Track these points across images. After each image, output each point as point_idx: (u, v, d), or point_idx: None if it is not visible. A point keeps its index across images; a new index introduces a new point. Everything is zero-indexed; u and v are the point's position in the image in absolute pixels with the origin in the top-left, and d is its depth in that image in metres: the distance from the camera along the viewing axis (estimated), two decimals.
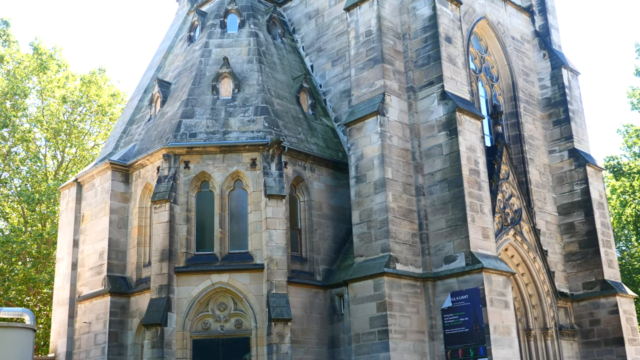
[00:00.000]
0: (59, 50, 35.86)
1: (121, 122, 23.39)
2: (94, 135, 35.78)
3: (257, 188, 18.57)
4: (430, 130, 19.24)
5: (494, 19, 24.02)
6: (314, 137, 20.68)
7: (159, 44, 25.80)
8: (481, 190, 18.74)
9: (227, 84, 20.61)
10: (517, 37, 24.92)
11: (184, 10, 25.99)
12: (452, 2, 20.58)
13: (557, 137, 24.38)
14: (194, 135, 19.30)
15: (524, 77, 24.49)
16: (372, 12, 20.09)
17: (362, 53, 20.07)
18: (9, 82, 33.03)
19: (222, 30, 22.59)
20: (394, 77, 19.67)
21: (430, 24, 19.98)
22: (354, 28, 20.51)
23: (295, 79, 21.95)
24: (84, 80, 35.45)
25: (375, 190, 18.38)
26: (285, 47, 23.32)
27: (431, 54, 19.74)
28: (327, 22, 23.27)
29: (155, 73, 23.80)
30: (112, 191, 20.00)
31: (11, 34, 35.03)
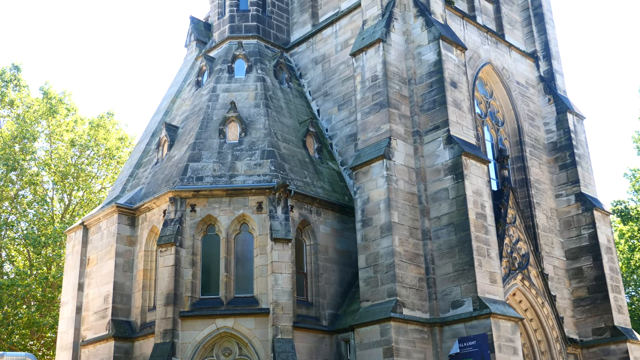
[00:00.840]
0: (69, 95, 36.31)
1: (128, 166, 23.52)
2: (101, 178, 35.96)
3: (263, 231, 18.53)
4: (437, 174, 19.26)
5: (498, 65, 24.25)
6: (320, 181, 20.72)
7: (167, 89, 26.11)
8: (488, 234, 18.65)
9: (234, 127, 20.77)
10: (522, 82, 25.11)
11: (192, 56, 26.35)
12: (457, 47, 20.82)
13: (564, 181, 24.35)
14: (201, 179, 19.37)
15: (530, 121, 24.60)
16: (378, 58, 20.32)
17: (368, 97, 20.23)
18: (18, 126, 33.38)
19: (230, 75, 22.87)
20: (400, 122, 19.78)
21: (435, 69, 20.18)
22: (360, 73, 20.72)
23: (301, 123, 22.10)
24: (92, 124, 35.80)
25: (382, 234, 18.31)
26: (292, 91, 23.54)
27: (437, 98, 19.88)
28: (334, 67, 23.54)
29: (163, 117, 24.02)
30: (118, 234, 19.99)
31: (22, 79, 35.53)
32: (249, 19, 24.73)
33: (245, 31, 24.56)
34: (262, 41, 24.56)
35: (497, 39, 24.66)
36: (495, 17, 25.45)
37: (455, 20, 22.88)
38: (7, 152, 32.26)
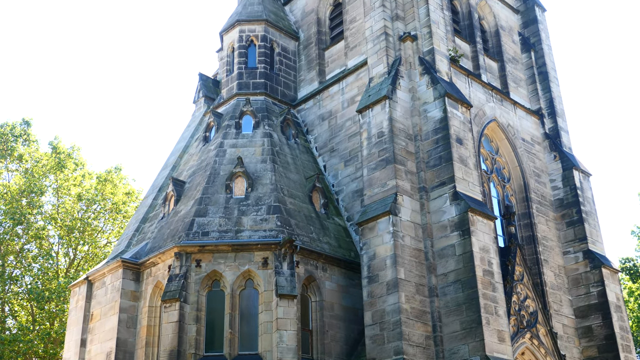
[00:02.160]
0: (77, 149, 36.65)
1: (134, 220, 23.53)
2: (107, 233, 35.96)
3: (268, 287, 18.39)
4: (443, 230, 19.18)
5: (504, 122, 24.42)
6: (326, 237, 20.65)
7: (174, 144, 26.33)
8: (496, 291, 18.45)
9: (240, 183, 20.85)
10: (528, 139, 25.24)
11: (200, 112, 26.67)
12: (462, 105, 21.02)
13: (571, 238, 24.19)
14: (207, 234, 19.33)
15: (536, 178, 24.62)
16: (384, 114, 20.51)
17: (374, 154, 20.34)
18: (26, 180, 33.59)
19: (237, 131, 23.08)
20: (406, 178, 19.83)
21: (441, 126, 20.32)
22: (367, 129, 20.88)
23: (308, 178, 22.18)
24: (100, 179, 36.02)
25: (388, 291, 18.13)
26: (299, 147, 23.71)
27: (443, 155, 19.97)
28: (340, 123, 23.74)
29: (170, 172, 24.16)
30: (123, 289, 19.86)
31: (32, 133, 35.94)
32: (256, 76, 25.11)
33: (253, 88, 24.90)
34: (270, 98, 24.87)
35: (502, 96, 24.90)
36: (500, 75, 25.77)
37: (460, 78, 23.16)
38: (14, 206, 32.37)
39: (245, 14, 26.20)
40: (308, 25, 26.62)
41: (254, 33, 25.73)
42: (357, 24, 24.42)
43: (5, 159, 34.84)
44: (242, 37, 25.67)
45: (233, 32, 25.99)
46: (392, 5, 22.68)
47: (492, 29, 26.53)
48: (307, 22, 26.72)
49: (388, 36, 22.05)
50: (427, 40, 21.91)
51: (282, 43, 26.19)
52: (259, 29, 25.75)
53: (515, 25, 27.84)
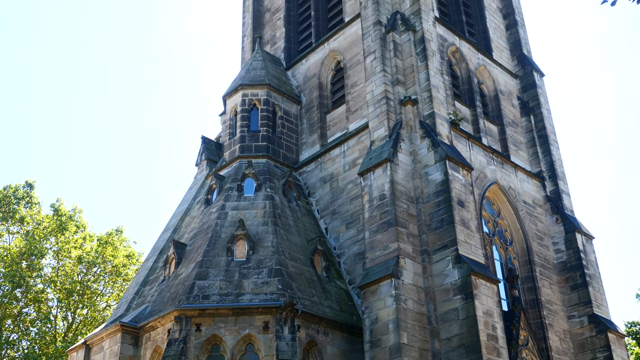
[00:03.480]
0: (79, 212, 36.70)
1: (134, 284, 23.34)
2: (106, 296, 35.64)
3: (269, 352, 18.07)
4: (446, 294, 18.99)
5: (505, 184, 24.49)
6: (327, 300, 20.43)
7: (176, 207, 26.36)
8: (500, 357, 18.11)
9: (241, 245, 20.76)
10: (529, 201, 25.25)
11: (202, 174, 26.80)
12: (463, 168, 21.12)
13: (576, 302, 23.91)
14: (207, 297, 19.13)
15: (538, 240, 24.52)
16: (385, 177, 20.59)
17: (376, 216, 20.32)
18: (27, 243, 33.51)
19: (239, 194, 23.13)
20: (408, 240, 19.75)
21: (442, 189, 20.37)
22: (368, 192, 20.93)
23: (309, 241, 22.10)
24: (100, 241, 35.93)
25: (391, 356, 17.80)
26: (300, 209, 23.71)
27: (444, 217, 19.94)
28: (342, 186, 23.80)
29: (172, 235, 24.10)
30: (121, 354, 19.52)
31: (34, 196, 36.07)
32: (259, 139, 25.33)
33: (255, 151, 25.08)
34: (272, 160, 25.02)
35: (502, 159, 25.05)
36: (500, 138, 25.98)
37: (461, 141, 23.35)
38: (14, 269, 32.20)
39: (249, 78, 26.63)
40: (310, 90, 27.02)
41: (256, 97, 26.09)
42: (359, 88, 24.78)
43: (7, 221, 34.85)
44: (245, 100, 26.02)
45: (236, 96, 26.36)
46: (393, 70, 23.07)
47: (491, 93, 26.90)
48: (309, 86, 27.13)
49: (389, 100, 22.34)
50: (428, 104, 22.19)
51: (284, 107, 26.52)
52: (262, 93, 26.13)
53: (514, 89, 28.24)
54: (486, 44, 28.16)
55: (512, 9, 30.35)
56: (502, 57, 28.70)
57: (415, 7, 24.16)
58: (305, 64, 27.76)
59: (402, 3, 24.72)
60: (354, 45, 25.79)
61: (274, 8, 30.94)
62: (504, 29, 30.02)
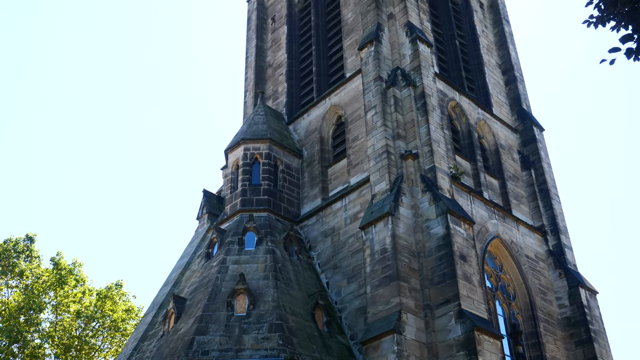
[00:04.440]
0: (79, 265, 36.49)
1: (133, 339, 23.03)
2: (104, 351, 35.13)
3: None
4: (449, 349, 18.69)
5: (507, 238, 24.40)
6: (329, 356, 20.10)
7: (176, 260, 26.23)
8: None
9: (242, 300, 20.57)
10: (532, 255, 25.11)
11: (203, 228, 26.75)
12: (464, 222, 21.07)
13: (581, 359, 23.49)
14: (207, 353, 18.85)
15: (542, 295, 24.28)
16: (387, 231, 20.53)
17: (377, 270, 20.18)
18: (26, 297, 33.23)
19: (240, 247, 23.04)
20: (410, 295, 19.57)
21: (444, 243, 20.28)
22: (370, 246, 20.84)
23: (310, 295, 21.89)
24: (100, 295, 35.62)
25: None
26: (302, 263, 23.57)
27: (446, 272, 19.79)
28: (343, 240, 23.71)
29: (172, 289, 23.90)
30: None
31: (34, 249, 35.93)
32: (260, 193, 25.36)
33: (257, 204, 25.09)
34: (273, 214, 25.00)
35: (504, 213, 25.02)
36: (501, 192, 26.01)
37: (462, 195, 23.37)
38: (12, 324, 31.83)
39: (250, 132, 26.84)
40: (311, 144, 27.19)
41: (258, 151, 26.24)
42: (360, 142, 24.94)
43: (6, 275, 34.63)
44: (246, 154, 26.16)
45: (238, 150, 26.51)
46: (394, 124, 23.26)
47: (491, 148, 27.05)
48: (311, 140, 27.31)
49: (390, 154, 22.46)
50: (429, 158, 22.29)
51: (285, 161, 26.65)
52: (264, 147, 26.29)
53: (515, 143, 28.41)
54: (486, 99, 28.48)
55: (511, 65, 30.80)
56: (502, 111, 28.98)
57: (416, 63, 24.52)
58: (307, 119, 28.02)
59: (402, 59, 25.10)
60: (355, 100, 26.07)
61: (276, 64, 31.42)
62: (504, 84, 30.41)
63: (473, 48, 30.06)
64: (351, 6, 28.76)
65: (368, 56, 25.02)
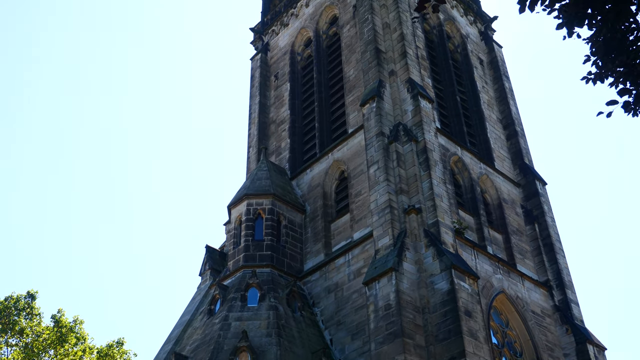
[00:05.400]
0: (80, 323, 36.03)
1: None
2: None
3: None
4: None
5: (512, 293, 24.15)
6: None
7: (178, 317, 25.95)
8: None
9: (244, 358, 20.27)
10: (538, 311, 24.80)
11: (206, 284, 26.56)
12: (469, 277, 20.89)
13: None
14: None
15: (549, 352, 23.88)
16: (390, 287, 20.34)
17: (381, 327, 19.91)
18: (25, 356, 32.75)
19: (243, 304, 22.82)
20: (415, 352, 19.26)
21: (449, 298, 20.07)
22: (373, 302, 20.62)
23: (314, 353, 21.56)
24: (100, 354, 35.08)
25: None
26: (305, 320, 23.29)
27: (451, 328, 19.52)
28: (347, 295, 23.49)
29: (173, 346, 23.59)
30: None
31: (35, 307, 35.56)
32: (263, 249, 25.25)
33: (260, 260, 24.96)
34: (276, 270, 24.85)
35: (508, 268, 24.83)
36: (506, 247, 25.87)
37: (466, 250, 23.25)
38: None
39: (254, 188, 26.90)
40: (314, 199, 27.21)
41: (261, 206, 26.25)
42: (363, 197, 24.96)
43: (6, 333, 34.21)
44: (249, 210, 26.16)
45: (241, 206, 26.53)
46: (396, 179, 23.32)
47: (494, 202, 27.04)
48: (314, 195, 27.34)
49: (393, 209, 22.44)
50: (432, 212, 22.26)
51: (288, 216, 26.63)
52: (267, 203, 26.30)
53: (517, 198, 28.40)
54: (488, 154, 28.61)
55: (512, 120, 31.06)
56: (504, 166, 29.08)
57: (417, 118, 24.73)
58: (310, 174, 28.12)
59: (404, 115, 25.33)
60: (357, 156, 26.21)
61: (279, 120, 31.73)
62: (505, 139, 30.60)
63: (474, 103, 30.38)
64: (353, 63, 29.20)
65: (370, 112, 25.27)
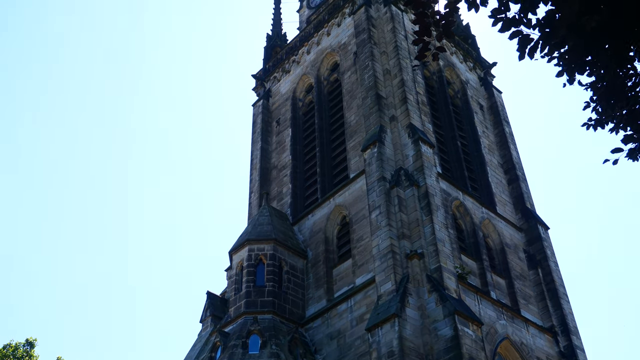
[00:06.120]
0: None
1: None
2: None
3: None
4: None
5: (517, 339, 23.85)
6: None
7: None
8: None
9: None
10: (543, 357, 24.47)
11: (207, 331, 26.28)
12: (473, 323, 20.66)
13: None
14: None
15: None
16: (393, 333, 20.11)
17: None
18: None
19: (244, 351, 22.53)
20: None
21: (452, 345, 19.81)
22: (376, 349, 20.36)
23: None
24: None
25: None
26: None
27: None
28: (349, 342, 23.20)
29: None
30: None
31: (34, 355, 35.13)
32: (265, 295, 25.05)
33: (261, 306, 24.72)
34: (277, 316, 24.60)
35: (512, 313, 24.57)
36: (509, 292, 25.66)
37: (469, 295, 23.05)
38: None
39: (255, 233, 26.83)
40: (316, 244, 27.10)
41: (263, 252, 26.14)
42: (364, 242, 24.86)
43: None
44: (251, 255, 26.04)
45: (242, 251, 26.41)
46: (398, 224, 23.26)
47: (497, 246, 26.93)
48: (315, 240, 27.25)
49: (395, 254, 22.33)
50: (434, 257, 22.13)
51: (290, 261, 26.50)
52: (268, 248, 26.20)
53: (520, 242, 28.29)
54: (489, 198, 28.60)
55: (513, 165, 31.14)
56: (506, 210, 29.03)
57: (418, 163, 24.79)
58: (312, 219, 28.07)
59: (405, 160, 25.41)
60: (359, 200, 26.20)
61: (281, 165, 31.83)
62: (506, 183, 30.63)
63: (474, 148, 30.50)
64: (354, 109, 29.42)
65: (371, 157, 25.36)
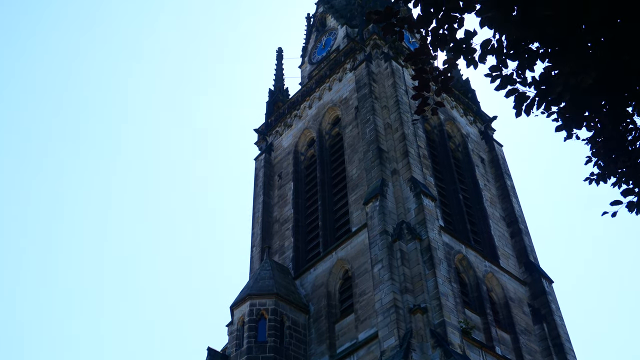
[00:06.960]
0: None
1: None
2: None
3: None
4: None
5: None
6: None
7: None
8: None
9: None
10: None
11: None
12: None
13: None
14: None
15: None
16: None
17: None
18: None
19: None
20: None
21: None
22: None
23: None
24: None
25: None
26: None
27: None
28: None
29: None
30: None
31: None
32: (266, 350, 24.70)
33: None
34: None
35: None
36: (514, 347, 25.28)
37: (473, 350, 22.71)
38: None
39: (257, 288, 26.61)
40: (318, 298, 26.85)
41: (264, 307, 25.87)
42: (367, 296, 24.63)
43: None
44: (252, 310, 25.77)
45: (244, 306, 26.15)
46: (401, 278, 23.08)
47: (501, 301, 26.66)
48: (317, 295, 27.00)
49: (398, 309, 22.09)
50: (437, 312, 21.89)
51: (292, 316, 26.20)
52: (270, 303, 25.94)
53: (524, 296, 28.01)
54: (492, 252, 28.45)
55: (515, 218, 31.07)
56: (509, 264, 28.84)
57: (420, 217, 24.75)
58: (314, 273, 27.88)
59: (407, 213, 25.38)
60: (361, 254, 26.06)
61: (283, 219, 31.78)
62: (509, 236, 30.50)
63: (476, 201, 30.50)
64: (356, 163, 29.54)
65: (373, 210, 25.34)
